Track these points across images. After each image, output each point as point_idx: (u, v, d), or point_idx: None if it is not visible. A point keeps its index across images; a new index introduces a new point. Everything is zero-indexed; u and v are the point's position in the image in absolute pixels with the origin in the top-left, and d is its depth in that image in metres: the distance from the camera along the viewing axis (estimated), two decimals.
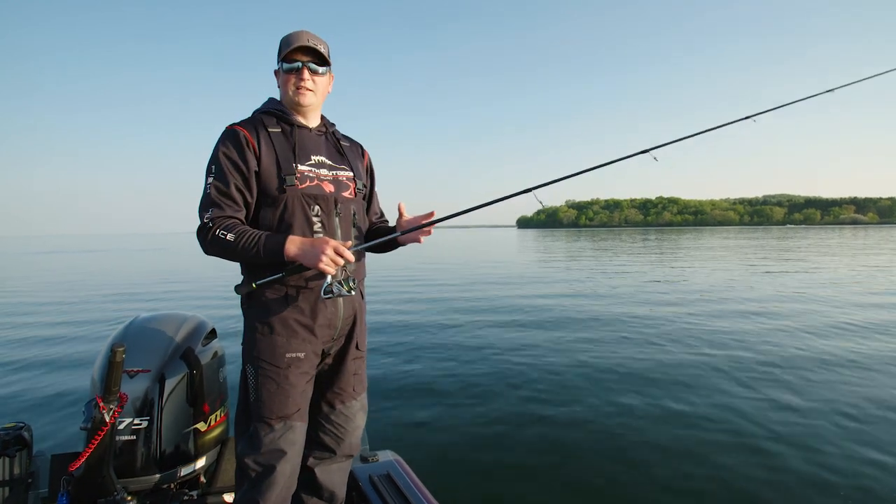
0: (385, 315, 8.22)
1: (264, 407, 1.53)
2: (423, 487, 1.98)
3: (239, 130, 1.57)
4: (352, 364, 1.74)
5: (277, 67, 1.68)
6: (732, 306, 8.77)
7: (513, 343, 6.14)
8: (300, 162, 1.60)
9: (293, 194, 1.56)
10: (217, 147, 1.57)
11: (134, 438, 1.77)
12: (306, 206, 1.57)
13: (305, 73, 1.63)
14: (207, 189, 1.54)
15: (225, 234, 1.48)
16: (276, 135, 1.61)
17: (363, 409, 1.82)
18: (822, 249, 26.02)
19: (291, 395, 1.55)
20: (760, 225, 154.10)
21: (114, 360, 1.57)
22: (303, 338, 1.58)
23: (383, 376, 4.84)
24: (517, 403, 4.12)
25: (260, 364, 1.55)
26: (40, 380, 4.91)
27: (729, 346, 5.95)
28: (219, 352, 2.09)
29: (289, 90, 1.65)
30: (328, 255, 1.45)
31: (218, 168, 1.54)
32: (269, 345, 1.55)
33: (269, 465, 1.52)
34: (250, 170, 1.55)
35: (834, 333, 6.52)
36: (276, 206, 1.56)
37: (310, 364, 1.61)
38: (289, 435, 1.54)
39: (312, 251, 1.46)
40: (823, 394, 4.24)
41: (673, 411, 3.90)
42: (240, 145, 1.55)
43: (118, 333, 1.92)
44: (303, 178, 1.58)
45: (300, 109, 1.68)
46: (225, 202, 1.53)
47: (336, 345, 1.70)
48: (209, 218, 1.51)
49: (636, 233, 62.68)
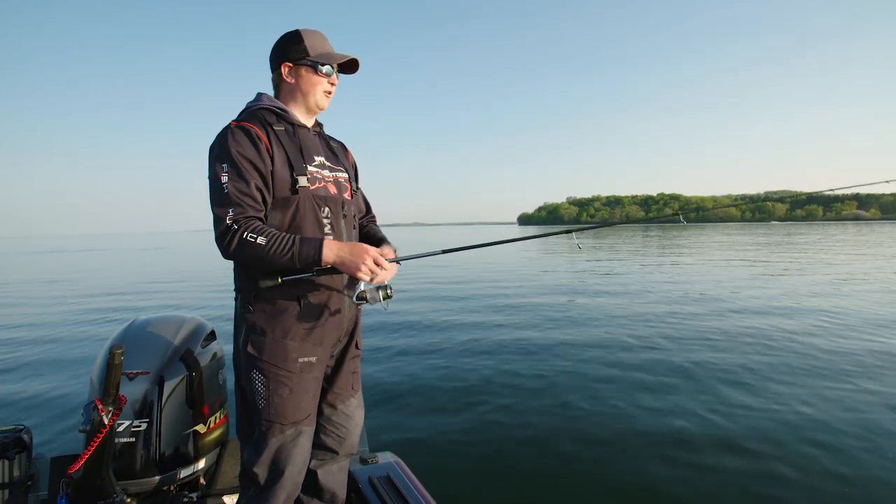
0: (385, 315, 8.21)
1: (276, 412, 1.49)
2: (423, 489, 1.97)
3: (250, 128, 1.48)
4: (350, 363, 1.73)
5: (298, 63, 1.58)
6: (745, 305, 8.75)
7: (514, 345, 6.13)
8: (308, 163, 1.56)
9: (305, 195, 1.51)
10: (227, 144, 1.45)
11: (133, 440, 1.77)
12: (317, 208, 1.54)
13: (335, 78, 1.63)
14: (225, 188, 1.42)
15: (255, 238, 1.38)
16: (281, 134, 1.55)
17: (361, 406, 1.81)
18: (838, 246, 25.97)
19: (304, 399, 1.53)
20: (762, 221, 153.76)
21: (112, 362, 1.57)
22: (314, 342, 1.54)
23: (383, 378, 4.83)
24: (518, 405, 4.11)
25: (271, 369, 1.50)
26: (39, 382, 4.91)
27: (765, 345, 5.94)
28: (218, 353, 2.09)
29: (316, 91, 1.61)
30: (368, 264, 1.43)
31: (234, 166, 1.43)
32: (282, 349, 1.50)
33: (279, 471, 1.51)
34: (267, 169, 1.48)
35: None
36: (286, 208, 1.50)
37: (321, 368, 1.59)
38: (300, 440, 1.53)
39: (352, 259, 1.43)
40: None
41: (678, 413, 3.90)
42: (254, 143, 1.46)
43: (117, 335, 1.92)
44: (312, 179, 1.55)
45: (315, 111, 1.66)
46: (247, 202, 1.43)
47: (339, 345, 1.69)
48: (232, 218, 1.39)
49: (637, 229, 62.47)
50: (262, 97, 1.63)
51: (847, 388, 4.29)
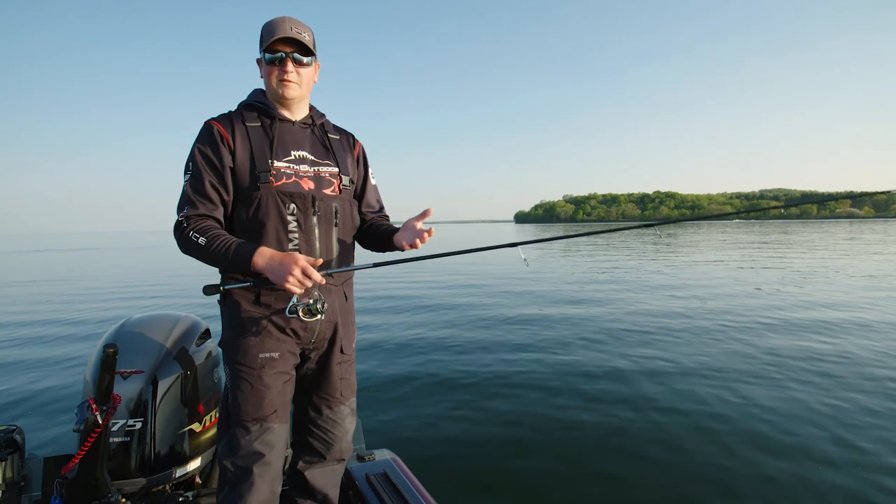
0: (382, 313, 8.20)
1: (240, 409, 1.51)
2: (420, 486, 1.97)
3: (213, 125, 1.53)
4: (337, 368, 1.69)
5: (260, 56, 1.59)
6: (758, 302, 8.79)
7: (511, 342, 6.13)
8: (277, 157, 1.54)
9: (267, 192, 1.51)
10: (194, 143, 1.53)
11: (128, 440, 1.76)
12: (281, 204, 1.52)
13: (289, 64, 1.55)
14: (184, 187, 1.51)
15: (197, 237, 1.44)
16: (253, 129, 1.55)
17: (352, 414, 1.78)
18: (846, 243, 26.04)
19: (266, 396, 1.51)
20: (757, 220, 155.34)
21: (106, 361, 1.55)
22: (276, 337, 1.54)
23: (380, 375, 4.82)
24: (515, 402, 4.11)
25: (234, 365, 1.53)
26: (32, 382, 4.86)
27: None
28: (213, 352, 2.07)
29: (272, 82, 1.57)
30: (295, 275, 1.37)
31: (193, 165, 1.50)
32: (242, 345, 1.52)
33: (247, 468, 1.50)
34: (225, 166, 1.50)
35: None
36: (249, 204, 1.52)
37: (286, 364, 1.57)
38: (266, 437, 1.51)
39: (280, 268, 1.39)
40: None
41: (669, 411, 3.90)
42: (213, 141, 1.51)
43: (110, 334, 1.91)
44: (279, 175, 1.53)
45: (285, 102, 1.61)
46: (200, 200, 1.49)
47: (317, 349, 1.66)
48: (184, 216, 1.47)
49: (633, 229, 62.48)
50: (254, 93, 1.67)
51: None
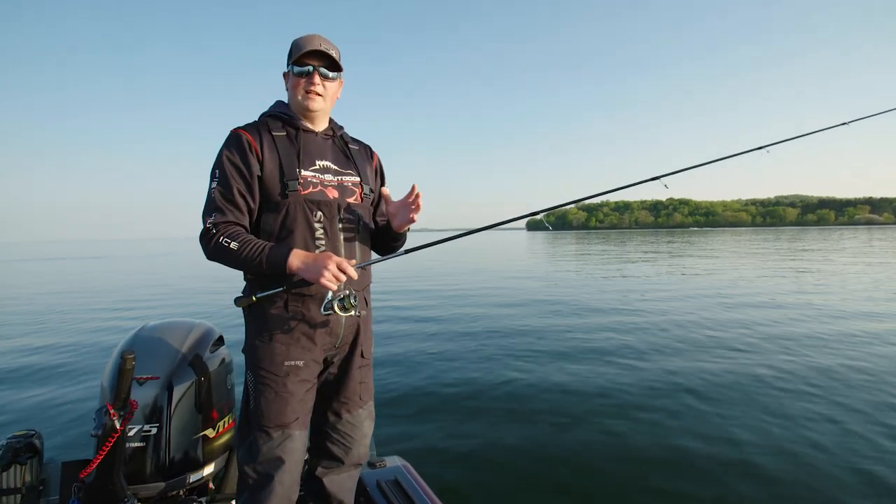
0: (394, 322, 8.22)
1: (262, 415, 1.53)
2: (431, 493, 1.97)
3: (242, 134, 1.57)
4: (357, 372, 1.72)
5: (287, 70, 1.67)
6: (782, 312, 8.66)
7: (525, 352, 6.08)
8: (304, 167, 1.59)
9: (295, 200, 1.55)
10: (221, 151, 1.57)
11: (143, 445, 1.78)
12: (308, 212, 1.56)
13: (316, 77, 1.62)
14: (211, 193, 1.53)
15: (228, 243, 1.47)
16: (280, 139, 1.60)
17: (370, 418, 1.80)
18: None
19: (290, 403, 1.54)
20: (773, 226, 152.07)
21: (124, 367, 1.58)
22: (302, 346, 1.57)
23: (392, 382, 4.83)
24: (527, 411, 4.08)
25: (259, 372, 1.55)
26: (50, 387, 4.95)
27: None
28: (226, 359, 2.10)
29: (298, 94, 1.63)
30: (331, 270, 1.43)
31: (221, 172, 1.54)
32: (268, 353, 1.55)
33: (267, 474, 1.51)
34: (253, 174, 1.54)
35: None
36: (278, 212, 1.56)
37: (309, 372, 1.59)
38: (287, 444, 1.53)
39: (315, 266, 1.44)
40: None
41: (697, 427, 3.84)
42: (243, 149, 1.55)
43: (127, 341, 1.94)
44: (306, 184, 1.57)
45: (308, 114, 1.66)
46: (228, 207, 1.53)
47: (339, 353, 1.69)
48: (212, 223, 1.51)
49: (647, 234, 62.06)
50: (276, 104, 1.72)
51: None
